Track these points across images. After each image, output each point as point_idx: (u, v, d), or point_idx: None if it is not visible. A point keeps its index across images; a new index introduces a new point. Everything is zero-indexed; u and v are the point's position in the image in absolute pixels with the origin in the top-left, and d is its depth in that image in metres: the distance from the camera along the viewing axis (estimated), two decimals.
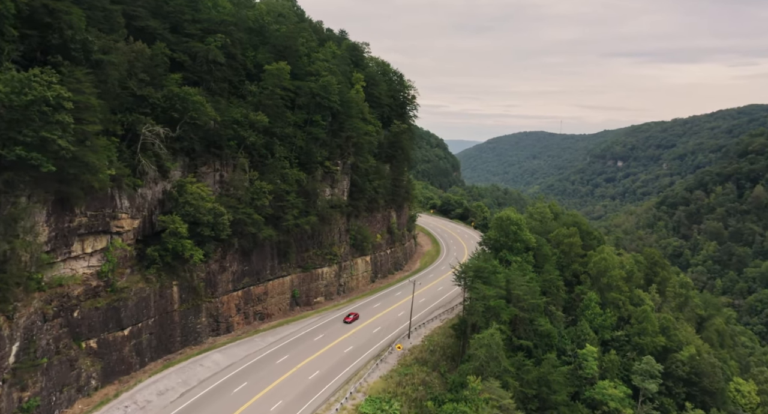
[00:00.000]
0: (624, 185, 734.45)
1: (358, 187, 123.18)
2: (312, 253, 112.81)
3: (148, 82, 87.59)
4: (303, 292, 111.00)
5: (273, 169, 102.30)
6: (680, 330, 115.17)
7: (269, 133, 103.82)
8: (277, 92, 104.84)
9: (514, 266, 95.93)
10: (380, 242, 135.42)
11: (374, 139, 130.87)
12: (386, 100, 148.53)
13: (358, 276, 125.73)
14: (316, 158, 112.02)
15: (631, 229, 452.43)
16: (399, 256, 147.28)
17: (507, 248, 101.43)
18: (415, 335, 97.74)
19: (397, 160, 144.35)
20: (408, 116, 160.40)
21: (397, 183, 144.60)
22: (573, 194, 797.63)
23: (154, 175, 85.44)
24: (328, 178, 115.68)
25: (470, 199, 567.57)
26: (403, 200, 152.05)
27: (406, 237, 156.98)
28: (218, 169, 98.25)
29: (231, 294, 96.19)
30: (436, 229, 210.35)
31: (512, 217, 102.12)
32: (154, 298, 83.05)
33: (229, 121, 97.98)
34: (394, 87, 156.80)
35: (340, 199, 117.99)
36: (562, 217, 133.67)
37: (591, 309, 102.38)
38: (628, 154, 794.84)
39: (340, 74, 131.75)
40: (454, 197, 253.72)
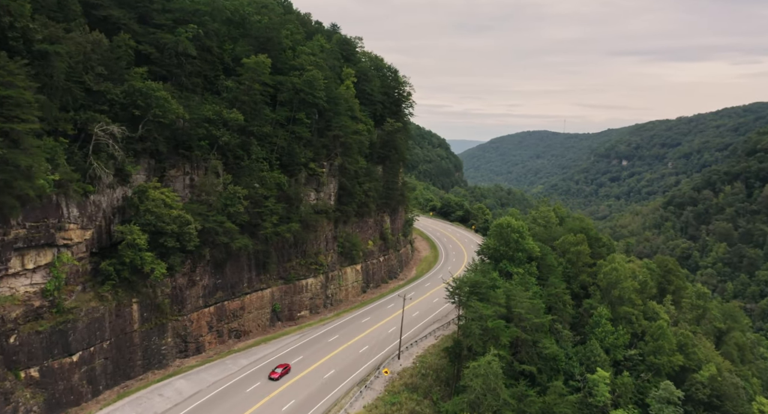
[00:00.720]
0: (629, 184, 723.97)
1: (346, 191, 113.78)
2: (295, 263, 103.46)
3: (107, 76, 78.48)
4: (285, 305, 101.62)
5: (249, 171, 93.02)
6: (699, 346, 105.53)
7: (246, 132, 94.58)
8: (254, 88, 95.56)
9: (516, 279, 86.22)
10: (372, 249, 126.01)
11: (365, 139, 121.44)
12: (379, 97, 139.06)
13: (347, 287, 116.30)
14: (299, 159, 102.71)
15: (637, 230, 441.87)
16: (393, 264, 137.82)
17: (507, 258, 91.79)
18: (406, 355, 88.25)
19: (391, 160, 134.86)
20: (403, 114, 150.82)
21: (390, 185, 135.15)
22: (577, 194, 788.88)
23: (111, 180, 76.25)
24: (312, 181, 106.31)
25: (473, 200, 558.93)
26: (398, 204, 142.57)
27: (402, 243, 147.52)
28: (188, 173, 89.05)
29: (201, 311, 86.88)
30: (435, 232, 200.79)
31: (513, 223, 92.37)
32: (109, 318, 73.79)
33: (200, 119, 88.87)
34: (388, 83, 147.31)
35: (326, 203, 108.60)
36: (567, 222, 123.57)
37: (601, 326, 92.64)
38: (632, 153, 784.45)
39: (328, 69, 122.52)
40: (455, 199, 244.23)
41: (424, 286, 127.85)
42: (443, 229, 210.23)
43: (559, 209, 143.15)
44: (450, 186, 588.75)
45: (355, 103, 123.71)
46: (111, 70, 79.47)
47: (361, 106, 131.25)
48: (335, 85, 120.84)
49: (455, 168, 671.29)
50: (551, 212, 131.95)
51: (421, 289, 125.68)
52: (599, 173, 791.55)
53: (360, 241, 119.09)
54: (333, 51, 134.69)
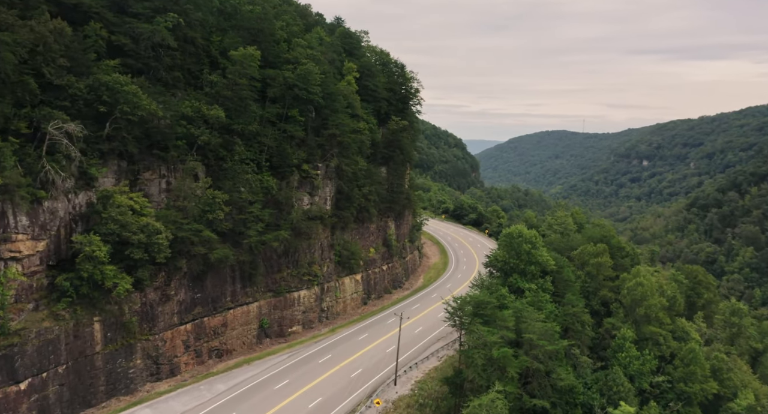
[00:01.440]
0: (650, 185, 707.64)
1: (344, 195, 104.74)
2: (286, 274, 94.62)
3: (71, 69, 70.49)
4: (274, 321, 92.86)
5: (233, 174, 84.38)
6: (735, 370, 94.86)
7: (229, 131, 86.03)
8: (238, 82, 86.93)
9: (528, 296, 76.29)
10: (374, 257, 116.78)
11: (366, 138, 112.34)
12: (384, 94, 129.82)
13: (346, 299, 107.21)
14: (291, 161, 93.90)
15: (659, 233, 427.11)
16: (398, 273, 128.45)
17: (518, 272, 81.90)
18: (404, 380, 78.87)
19: (395, 161, 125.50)
20: (410, 112, 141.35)
21: (395, 188, 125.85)
22: (597, 195, 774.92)
23: (70, 184, 68.13)
24: (306, 184, 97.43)
25: (489, 202, 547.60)
26: (404, 208, 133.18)
27: (408, 249, 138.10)
28: (165, 175, 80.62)
29: (177, 328, 78.37)
30: (446, 237, 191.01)
31: (525, 233, 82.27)
32: (66, 340, 65.55)
33: (178, 116, 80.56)
34: (394, 79, 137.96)
35: (321, 208, 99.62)
36: (587, 230, 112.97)
37: (625, 351, 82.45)
38: (653, 153, 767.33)
39: (327, 64, 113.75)
40: (468, 201, 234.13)
41: (430, 298, 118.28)
42: (455, 233, 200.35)
43: (577, 214, 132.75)
44: (466, 187, 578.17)
45: (356, 99, 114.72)
46: (76, 63, 71.43)
47: (363, 104, 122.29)
48: (334, 81, 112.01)
49: (472, 168, 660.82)
50: (569, 218, 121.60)
51: (426, 301, 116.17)
52: (619, 174, 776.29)
53: (360, 248, 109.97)
54: (334, 44, 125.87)
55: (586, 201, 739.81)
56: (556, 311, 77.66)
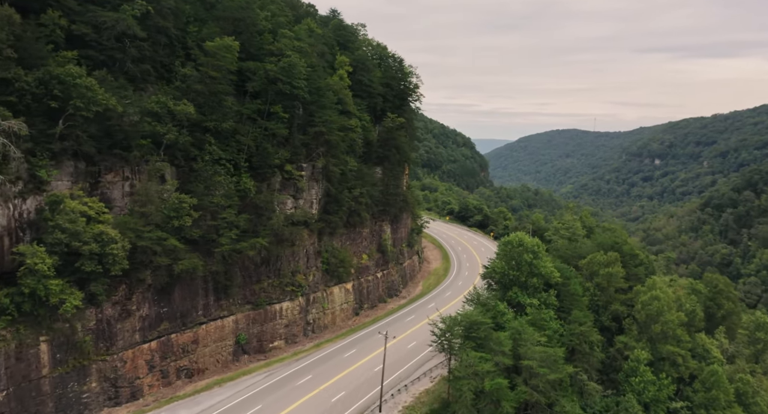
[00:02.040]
0: (662, 184, 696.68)
1: (332, 197, 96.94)
2: (266, 285, 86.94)
3: (19, 60, 63.38)
4: (253, 336, 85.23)
5: (205, 176, 76.84)
6: (761, 393, 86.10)
7: (202, 129, 78.51)
8: (212, 75, 79.33)
9: (529, 313, 67.88)
10: (366, 264, 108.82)
11: (358, 136, 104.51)
12: (380, 89, 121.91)
13: (335, 310, 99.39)
14: (272, 161, 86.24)
15: (673, 234, 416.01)
16: (394, 280, 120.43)
17: (519, 285, 73.49)
18: (390, 406, 70.79)
19: (391, 161, 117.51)
20: (409, 109, 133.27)
21: (391, 189, 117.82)
22: (608, 194, 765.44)
23: (17, 189, 60.96)
24: (289, 186, 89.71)
25: (498, 201, 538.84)
26: (401, 210, 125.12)
27: (406, 255, 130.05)
28: (128, 178, 73.20)
29: (139, 347, 70.91)
30: (450, 240, 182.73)
31: (526, 241, 73.78)
32: (6, 363, 58.26)
33: (143, 112, 73.21)
34: (391, 74, 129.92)
35: (306, 213, 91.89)
36: (597, 235, 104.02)
37: (639, 375, 73.89)
38: (665, 152, 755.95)
39: (317, 56, 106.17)
40: (473, 202, 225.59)
41: (426, 309, 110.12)
42: (459, 235, 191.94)
43: (586, 218, 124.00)
44: (475, 186, 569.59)
45: (347, 95, 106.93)
46: (27, 54, 64.38)
47: (356, 100, 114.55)
48: (323, 75, 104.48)
49: (480, 168, 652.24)
50: (577, 222, 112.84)
51: (422, 312, 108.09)
52: (631, 173, 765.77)
53: (350, 255, 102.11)
54: (325, 37, 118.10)
55: (597, 200, 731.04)
56: (561, 330, 69.39)
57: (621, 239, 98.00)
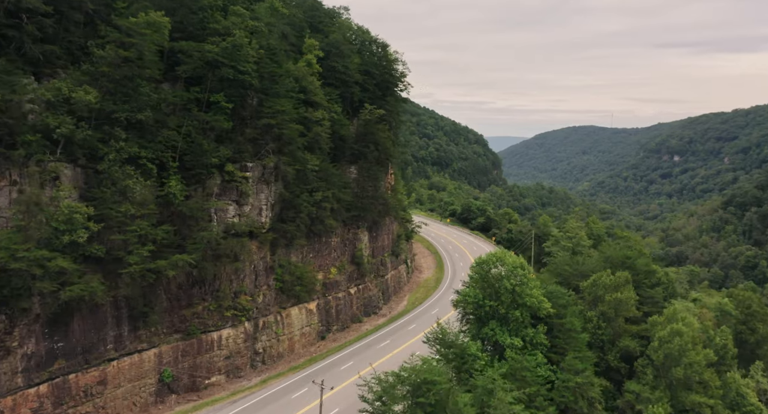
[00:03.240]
0: (681, 181, 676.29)
1: (288, 202, 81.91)
2: (201, 310, 72.10)
3: None
4: (183, 371, 70.49)
5: (112, 179, 62.15)
6: None
7: (111, 121, 63.89)
8: (123, 56, 64.65)
9: (509, 357, 51.93)
10: (336, 279, 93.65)
11: (324, 130, 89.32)
12: (357, 77, 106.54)
13: (293, 335, 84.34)
14: (209, 160, 71.37)
15: (693, 234, 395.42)
16: (373, 295, 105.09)
17: (499, 319, 57.70)
18: None
19: (368, 159, 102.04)
20: (393, 100, 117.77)
21: (368, 192, 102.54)
22: (625, 191, 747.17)
23: None
24: (231, 190, 74.75)
25: (510, 200, 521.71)
26: (382, 215, 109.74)
27: (389, 265, 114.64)
28: (16, 182, 58.81)
29: (23, 392, 56.39)
30: (447, 245, 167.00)
31: (509, 262, 57.90)
32: None
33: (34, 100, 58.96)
34: (372, 61, 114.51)
35: (254, 221, 76.94)
36: (605, 246, 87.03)
37: None
38: (684, 148, 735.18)
39: (278, 38, 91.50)
40: (477, 203, 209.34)
41: (406, 331, 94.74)
42: (458, 239, 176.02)
43: (594, 224, 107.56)
44: (487, 185, 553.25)
45: (313, 82, 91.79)
46: None
47: (328, 89, 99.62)
48: (285, 59, 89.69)
49: (493, 165, 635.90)
50: (581, 231, 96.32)
51: (401, 335, 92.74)
52: (649, 169, 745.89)
53: (313, 270, 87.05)
54: (292, 17, 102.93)
55: (614, 198, 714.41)
56: (553, 376, 53.71)
57: (634, 251, 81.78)
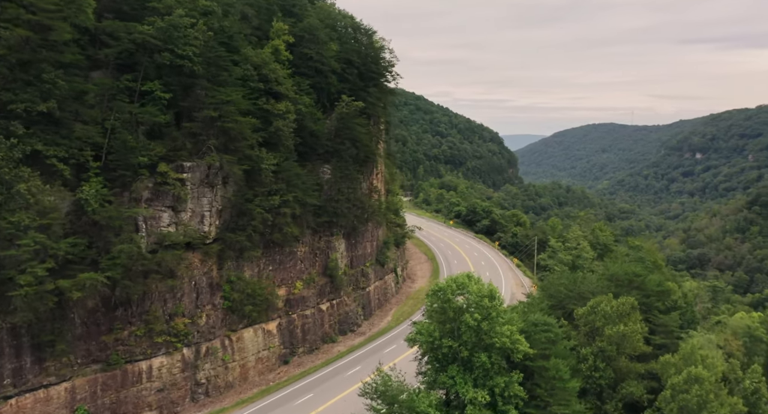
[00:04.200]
0: (704, 180, 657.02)
1: (238, 208, 70.68)
2: (126, 335, 61.09)
3: None
4: (105, 408, 59.54)
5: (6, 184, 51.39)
6: None
7: (7, 114, 53.21)
8: (22, 34, 53.96)
9: None
10: (302, 295, 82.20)
11: (286, 124, 77.98)
12: (335, 66, 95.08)
13: (246, 361, 73.03)
14: (136, 159, 60.38)
15: (716, 235, 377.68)
16: (350, 311, 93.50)
17: (462, 363, 45.41)
18: None
19: (343, 158, 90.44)
20: (378, 92, 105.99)
21: (344, 195, 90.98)
22: (646, 190, 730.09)
23: None
24: (164, 194, 63.68)
25: (525, 200, 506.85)
26: (362, 221, 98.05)
27: (372, 276, 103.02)
28: None
29: None
30: (447, 250, 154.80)
31: (474, 291, 45.11)
32: None
33: None
34: (355, 48, 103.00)
35: (194, 231, 65.91)
36: (610, 263, 73.11)
37: None
38: (707, 146, 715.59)
39: (237, 21, 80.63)
40: (482, 204, 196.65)
41: (384, 353, 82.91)
42: (460, 244, 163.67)
43: (601, 232, 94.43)
44: (502, 183, 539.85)
45: (275, 70, 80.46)
46: None
47: (298, 78, 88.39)
48: (243, 44, 78.75)
49: (509, 164, 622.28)
50: (584, 241, 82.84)
51: (376, 359, 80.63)
52: (670, 167, 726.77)
53: (270, 285, 75.66)
54: None
55: (634, 197, 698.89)
56: None
57: (646, 264, 69.04)
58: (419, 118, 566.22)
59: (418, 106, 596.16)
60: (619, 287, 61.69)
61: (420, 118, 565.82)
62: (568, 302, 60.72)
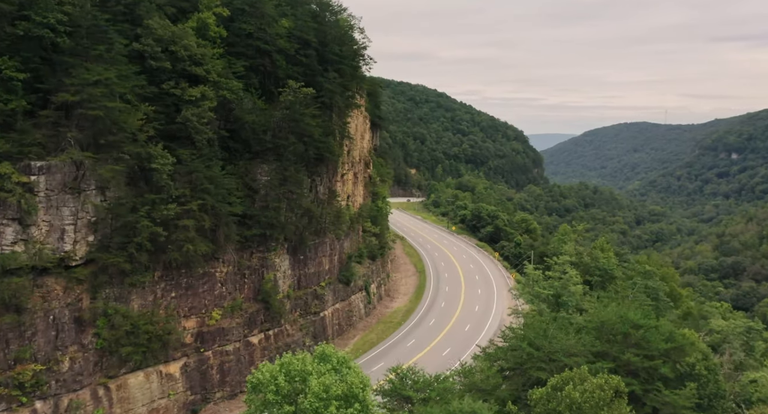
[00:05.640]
0: (740, 181, 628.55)
1: (117, 220, 54.79)
2: None
3: None
4: None
5: None
6: None
7: None
8: None
9: None
10: (220, 326, 65.92)
11: (201, 113, 61.98)
12: (283, 45, 78.89)
13: None
14: None
15: (752, 242, 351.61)
16: (294, 342, 76.76)
17: None
18: None
19: (285, 157, 73.76)
20: (341, 79, 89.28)
21: (290, 201, 74.68)
22: (678, 191, 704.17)
23: None
24: (3, 204, 48.13)
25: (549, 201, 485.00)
26: (317, 232, 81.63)
27: (331, 298, 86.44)
28: None
29: None
30: (441, 261, 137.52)
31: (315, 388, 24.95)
32: None
33: None
34: (312, 26, 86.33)
35: (54, 250, 50.29)
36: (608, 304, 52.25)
37: None
38: (743, 145, 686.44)
39: None
40: (489, 208, 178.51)
41: None
42: (457, 254, 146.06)
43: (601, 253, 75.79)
44: (525, 184, 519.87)
45: (193, 47, 64.52)
46: None
47: (230, 58, 72.56)
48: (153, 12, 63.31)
49: (534, 164, 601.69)
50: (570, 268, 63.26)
51: None
52: (704, 168, 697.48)
53: (172, 316, 59.67)
54: None
55: (666, 198, 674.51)
56: None
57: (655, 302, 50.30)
58: (440, 115, 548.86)
59: (439, 103, 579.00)
60: (609, 343, 43.34)
61: (441, 115, 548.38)
62: (531, 367, 42.52)
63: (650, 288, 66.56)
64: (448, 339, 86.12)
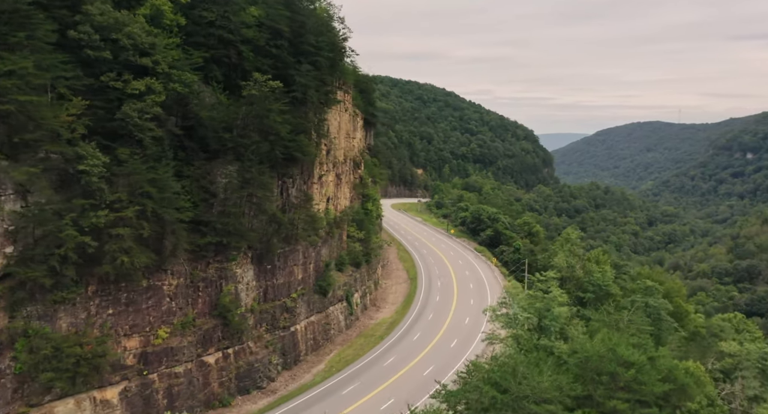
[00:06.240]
0: (755, 181, 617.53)
1: (40, 227, 48.22)
2: None
3: None
4: None
5: None
6: None
7: None
8: None
9: None
10: (168, 345, 59.25)
11: (142, 109, 55.31)
12: (250, 35, 72.22)
13: None
14: None
15: (766, 244, 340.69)
16: (259, 361, 70.09)
17: None
18: None
19: (247, 157, 66.94)
20: (317, 72, 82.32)
21: (254, 205, 67.98)
22: (692, 191, 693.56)
23: None
24: None
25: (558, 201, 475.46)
26: (287, 239, 74.81)
27: (304, 310, 79.52)
28: None
29: None
30: (435, 267, 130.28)
31: None
32: None
33: None
34: (281, 14, 79.24)
35: None
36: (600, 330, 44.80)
37: None
38: (759, 145, 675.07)
39: None
40: (489, 210, 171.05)
41: None
42: (453, 260, 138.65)
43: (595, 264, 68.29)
44: (535, 184, 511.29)
45: (140, 36, 57.84)
46: None
47: (189, 48, 66.06)
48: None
49: (544, 163, 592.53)
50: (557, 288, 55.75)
51: None
52: (719, 168, 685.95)
53: (108, 336, 53.10)
54: None
55: (679, 199, 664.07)
56: None
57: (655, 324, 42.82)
58: (448, 114, 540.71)
59: (447, 102, 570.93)
60: (594, 384, 36.29)
61: (449, 114, 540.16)
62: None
63: (651, 307, 59.33)
64: (432, 356, 79.01)
